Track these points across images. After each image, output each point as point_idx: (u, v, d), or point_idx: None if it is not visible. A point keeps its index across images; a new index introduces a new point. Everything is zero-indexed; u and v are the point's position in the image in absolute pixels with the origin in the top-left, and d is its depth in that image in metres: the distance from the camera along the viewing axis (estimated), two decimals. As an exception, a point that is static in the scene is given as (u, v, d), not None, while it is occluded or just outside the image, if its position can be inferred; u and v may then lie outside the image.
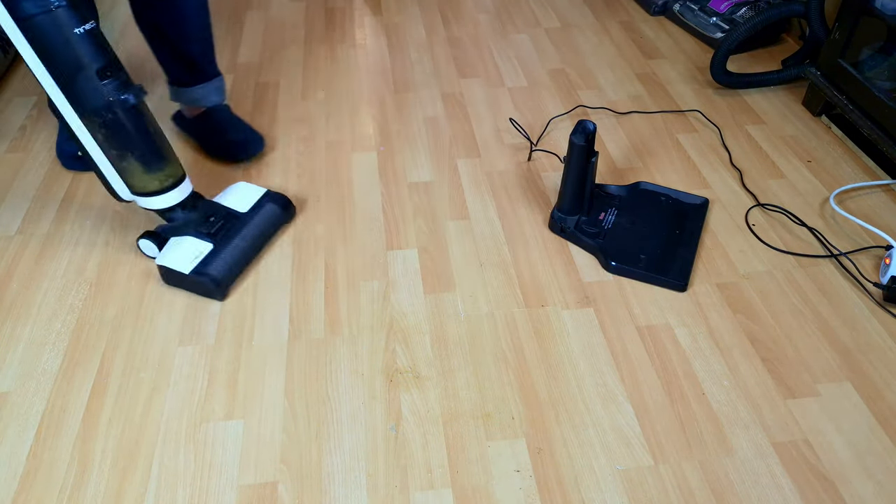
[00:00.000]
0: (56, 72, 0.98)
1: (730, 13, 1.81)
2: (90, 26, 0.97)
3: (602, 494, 0.90)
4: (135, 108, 1.04)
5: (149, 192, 1.11)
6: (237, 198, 1.23)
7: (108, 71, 1.00)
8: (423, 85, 1.66)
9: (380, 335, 1.09)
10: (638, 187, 1.33)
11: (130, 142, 1.05)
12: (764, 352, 1.07)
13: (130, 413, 0.98)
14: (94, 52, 0.98)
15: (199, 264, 1.12)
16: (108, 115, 1.02)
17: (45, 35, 0.95)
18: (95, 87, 0.99)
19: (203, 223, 1.16)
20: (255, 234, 1.19)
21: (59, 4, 0.94)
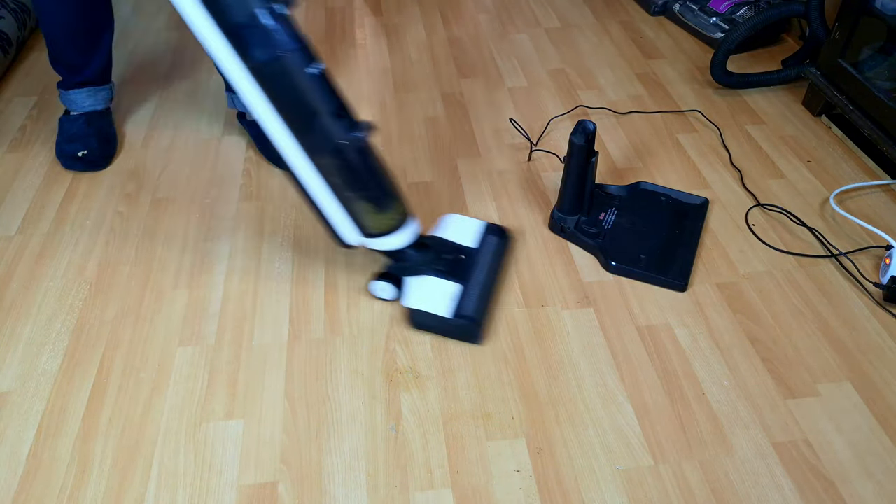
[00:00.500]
0: (291, 117, 0.92)
1: (730, 13, 1.81)
2: (321, 66, 0.90)
3: (602, 494, 0.90)
4: (367, 146, 0.97)
5: (381, 233, 1.05)
6: (459, 232, 1.17)
7: (341, 110, 0.93)
8: (423, 85, 1.66)
9: (380, 335, 1.09)
10: (638, 187, 1.33)
11: (364, 181, 0.99)
12: (764, 352, 1.07)
13: (130, 413, 0.98)
14: (327, 93, 0.92)
15: (456, 306, 1.05)
16: (343, 156, 0.95)
17: (282, 80, 0.89)
18: (332, 128, 0.93)
19: (438, 261, 1.11)
20: (491, 269, 1.13)
21: (294, 47, 0.87)
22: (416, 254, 1.10)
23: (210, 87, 1.64)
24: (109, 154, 1.42)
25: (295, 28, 0.88)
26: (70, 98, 1.41)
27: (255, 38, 0.86)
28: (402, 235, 1.06)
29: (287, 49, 0.87)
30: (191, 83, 1.66)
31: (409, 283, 1.09)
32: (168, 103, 1.59)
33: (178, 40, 1.82)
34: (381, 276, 1.11)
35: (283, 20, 0.86)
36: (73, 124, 1.41)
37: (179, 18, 1.91)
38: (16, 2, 1.71)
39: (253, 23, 0.85)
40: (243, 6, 0.84)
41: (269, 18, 0.85)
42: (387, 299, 1.13)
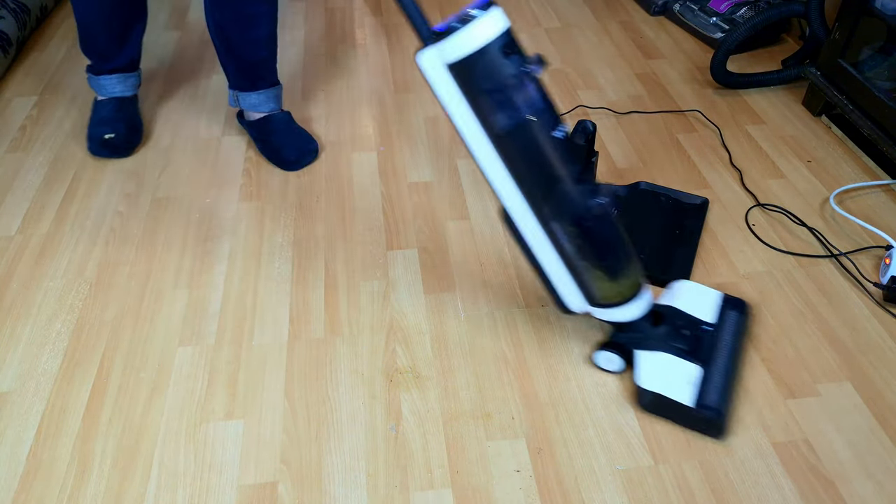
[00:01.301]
0: (530, 183, 0.88)
1: (730, 13, 1.81)
2: (565, 129, 0.85)
3: (602, 494, 0.90)
4: (608, 213, 0.91)
5: (611, 303, 0.97)
6: (695, 303, 1.06)
7: (584, 175, 0.88)
8: (423, 85, 1.66)
9: (380, 335, 1.09)
10: (638, 187, 1.33)
11: (601, 250, 0.92)
12: (764, 352, 1.07)
13: (130, 413, 0.98)
14: (571, 157, 0.87)
15: (698, 392, 0.95)
16: (583, 225, 0.89)
17: (528, 145, 0.84)
18: (573, 195, 0.88)
19: (675, 337, 1.00)
20: (733, 353, 1.01)
21: (542, 109, 0.83)
22: (651, 326, 1.00)
23: (210, 87, 1.64)
24: (134, 142, 1.44)
25: (542, 89, 0.84)
26: (99, 83, 1.44)
27: (502, 103, 0.82)
28: (635, 307, 0.97)
29: (535, 112, 0.83)
30: (191, 83, 1.66)
31: (642, 358, 0.99)
32: (168, 103, 1.59)
33: (178, 40, 1.82)
34: (609, 345, 1.02)
35: (534, 82, 0.82)
36: (104, 108, 1.44)
37: (179, 18, 1.91)
38: (16, 2, 1.71)
39: (501, 87, 0.81)
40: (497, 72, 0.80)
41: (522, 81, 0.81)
42: (612, 371, 1.03)
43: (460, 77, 0.82)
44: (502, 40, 0.79)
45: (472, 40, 0.79)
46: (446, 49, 0.80)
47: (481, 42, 0.79)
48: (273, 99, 1.42)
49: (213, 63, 1.73)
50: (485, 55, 0.79)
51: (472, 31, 0.78)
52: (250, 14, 1.28)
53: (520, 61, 0.81)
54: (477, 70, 0.80)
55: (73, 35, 1.82)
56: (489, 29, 0.79)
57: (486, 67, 0.80)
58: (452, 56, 0.80)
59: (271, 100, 1.42)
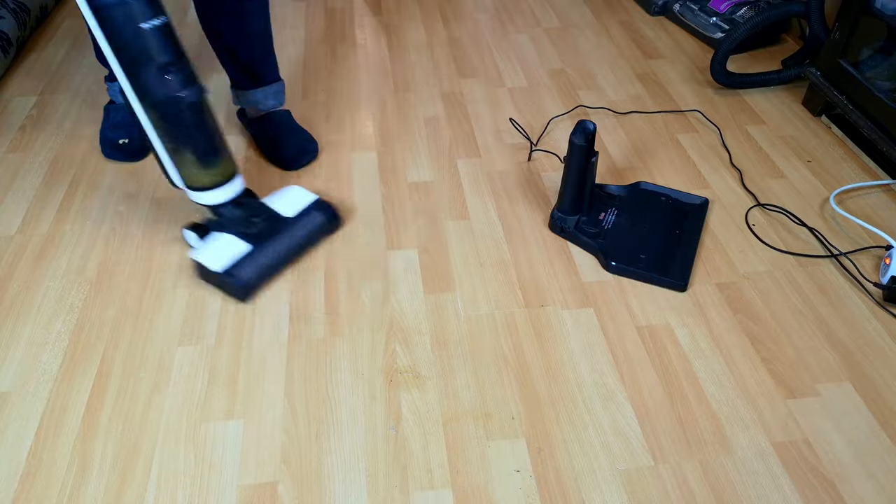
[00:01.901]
0: (123, 62, 0.98)
1: (730, 13, 1.81)
2: (159, 21, 0.97)
3: (602, 494, 0.90)
4: (193, 105, 1.04)
5: (200, 187, 1.11)
6: (286, 202, 1.22)
7: (171, 67, 1.00)
8: (423, 85, 1.66)
9: (380, 335, 1.09)
10: (638, 187, 1.33)
11: (186, 137, 1.06)
12: (764, 352, 1.07)
13: (130, 413, 0.98)
14: (159, 48, 0.98)
15: (232, 265, 1.11)
16: (166, 109, 1.02)
17: (116, 26, 0.95)
18: (158, 81, 1.00)
19: (246, 223, 1.16)
20: (294, 243, 1.19)
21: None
22: (229, 211, 1.15)
23: (210, 87, 1.64)
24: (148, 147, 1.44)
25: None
26: (116, 89, 1.45)
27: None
28: (217, 193, 1.12)
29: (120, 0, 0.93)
30: (191, 83, 1.66)
31: (210, 237, 1.16)
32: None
33: (178, 40, 1.82)
34: (193, 225, 1.17)
35: None
36: (118, 113, 1.44)
37: (179, 17, 1.91)
38: (16, 2, 1.71)
39: None
40: None
41: None
42: (192, 246, 1.19)
43: None
44: None
45: None
46: None
47: None
48: (272, 95, 1.41)
49: (212, 62, 1.73)
50: None
51: None
52: (239, 10, 1.28)
53: None
54: None
55: (73, 35, 1.82)
56: None
57: None
58: None
59: (270, 97, 1.41)
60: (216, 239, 1.15)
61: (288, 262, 1.18)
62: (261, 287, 1.15)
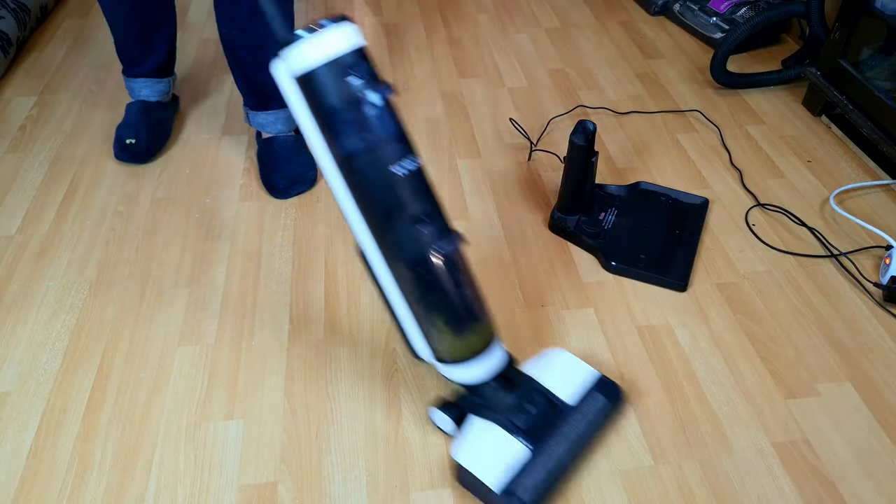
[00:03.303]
0: (369, 213, 0.82)
1: (730, 13, 1.81)
2: (412, 166, 0.79)
3: (602, 494, 0.90)
4: (451, 262, 0.83)
5: (453, 360, 0.88)
6: (560, 378, 0.95)
7: (424, 216, 0.81)
8: (423, 85, 1.66)
9: (380, 335, 1.09)
10: (638, 187, 1.33)
11: (440, 301, 0.84)
12: (764, 352, 1.07)
13: (130, 413, 0.98)
14: (414, 196, 0.80)
15: (511, 477, 0.85)
16: (418, 269, 0.82)
17: (363, 173, 0.79)
18: (410, 235, 0.81)
19: (516, 411, 0.89)
20: (581, 443, 0.91)
21: (385, 138, 0.78)
22: (494, 393, 0.90)
23: (210, 88, 1.64)
24: (155, 148, 1.43)
25: (389, 117, 0.78)
26: (129, 85, 1.45)
27: (346, 125, 0.77)
28: (477, 369, 0.88)
29: (374, 142, 0.77)
30: (190, 83, 1.66)
31: (471, 425, 0.90)
32: (168, 103, 1.59)
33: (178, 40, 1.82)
34: (445, 405, 0.93)
35: (377, 108, 0.77)
36: (130, 111, 1.45)
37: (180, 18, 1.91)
38: (16, 2, 1.71)
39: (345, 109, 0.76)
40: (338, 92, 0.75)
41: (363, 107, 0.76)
42: (445, 432, 0.96)
43: (306, 91, 0.77)
44: (350, 59, 0.75)
45: (316, 53, 0.74)
46: (291, 58, 0.75)
47: (324, 57, 0.74)
48: (282, 121, 1.38)
49: (212, 64, 1.73)
50: (327, 71, 0.74)
51: (316, 43, 0.74)
52: (258, 34, 1.25)
53: (365, 84, 0.75)
54: (319, 86, 0.75)
55: (73, 35, 1.82)
56: (334, 44, 0.74)
57: (327, 85, 0.75)
58: (297, 67, 0.75)
59: (279, 121, 1.37)
60: (480, 432, 0.89)
61: (571, 467, 0.90)
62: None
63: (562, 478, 0.89)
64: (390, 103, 0.78)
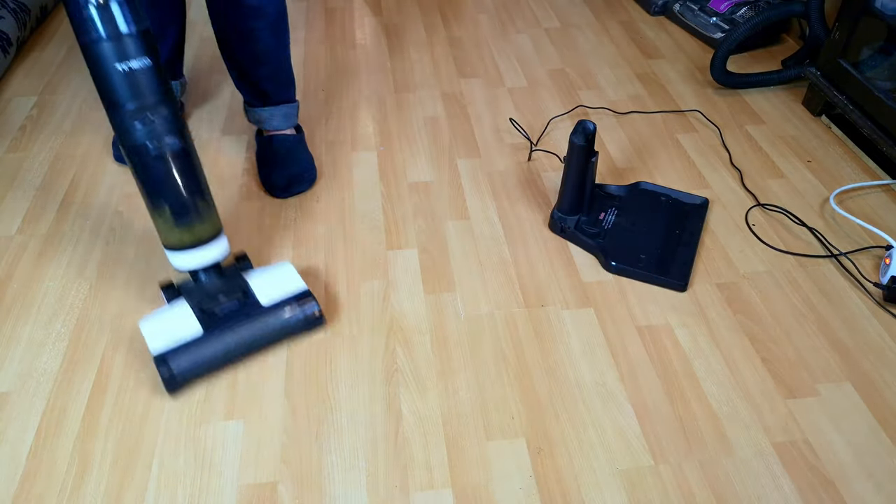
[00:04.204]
0: (104, 100, 0.93)
1: (730, 13, 1.81)
2: (137, 64, 0.90)
3: (602, 494, 0.90)
4: (162, 157, 0.95)
5: (171, 246, 1.01)
6: (269, 284, 1.06)
7: (141, 113, 0.92)
8: (423, 85, 1.66)
9: (380, 335, 1.09)
10: (638, 187, 1.33)
11: (157, 189, 0.97)
12: (764, 352, 1.07)
13: (130, 413, 0.98)
14: (130, 92, 0.91)
15: (172, 348, 0.98)
16: (135, 157, 0.94)
17: (93, 64, 0.89)
18: (130, 126, 0.92)
19: (211, 299, 1.02)
20: (253, 338, 1.03)
21: (107, 36, 0.88)
22: (205, 279, 1.04)
23: (210, 88, 1.64)
24: None
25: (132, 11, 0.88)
26: None
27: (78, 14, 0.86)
28: (190, 256, 1.00)
29: (105, 36, 0.87)
30: (190, 82, 1.66)
31: (168, 306, 1.02)
32: (168, 103, 1.59)
33: (178, 40, 1.82)
34: (167, 286, 1.05)
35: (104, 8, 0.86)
36: None
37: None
38: (16, 2, 1.71)
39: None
40: None
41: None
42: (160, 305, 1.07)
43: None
44: None
45: None
46: None
47: None
48: (280, 117, 1.37)
49: (211, 62, 1.73)
50: None
51: None
52: (251, 29, 1.25)
53: None
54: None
55: (73, 35, 1.82)
56: None
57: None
58: None
59: (277, 118, 1.37)
60: (170, 309, 1.01)
61: (237, 358, 1.03)
62: (190, 381, 1.01)
63: (223, 363, 1.01)
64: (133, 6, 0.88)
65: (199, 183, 1.00)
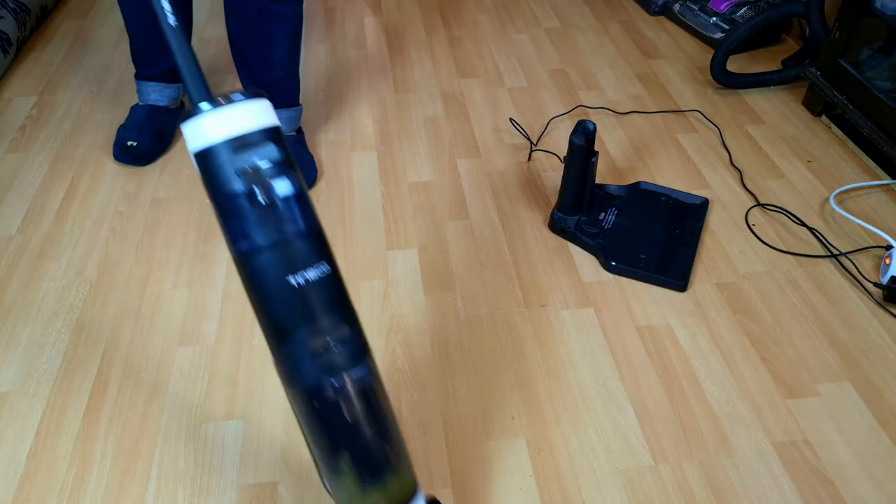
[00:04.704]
0: (265, 323, 0.66)
1: (730, 13, 1.81)
2: (316, 275, 0.65)
3: (602, 494, 0.90)
4: (362, 392, 0.68)
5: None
6: None
7: (329, 338, 0.66)
8: (423, 85, 1.66)
9: (380, 335, 1.09)
10: (638, 187, 1.33)
11: (340, 442, 0.68)
12: (764, 352, 1.07)
13: (130, 413, 0.98)
14: (312, 312, 0.65)
15: None
16: (311, 400, 0.66)
17: (254, 276, 0.64)
18: (306, 358, 0.65)
19: None
20: None
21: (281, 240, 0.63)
22: None
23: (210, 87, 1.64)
24: (156, 152, 1.43)
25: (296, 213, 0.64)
26: (139, 88, 1.45)
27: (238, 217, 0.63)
28: None
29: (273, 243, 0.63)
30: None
31: None
32: (168, 103, 1.59)
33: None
34: None
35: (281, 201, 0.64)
36: (137, 113, 1.45)
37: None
38: (16, 2, 1.71)
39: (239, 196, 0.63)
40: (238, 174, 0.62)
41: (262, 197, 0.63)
42: None
43: (203, 169, 0.63)
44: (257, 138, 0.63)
45: (217, 128, 0.61)
46: (190, 131, 0.63)
47: (225, 134, 0.62)
48: (285, 121, 1.38)
49: (212, 64, 1.73)
50: (225, 150, 0.62)
51: (218, 117, 0.62)
52: (264, 33, 1.25)
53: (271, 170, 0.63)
54: (215, 166, 0.62)
55: (73, 35, 1.82)
56: (240, 121, 0.62)
57: (224, 165, 0.62)
58: (195, 143, 0.63)
59: (281, 121, 1.35)
60: None
61: None
62: None
63: None
64: (303, 195, 0.65)
65: (391, 423, 0.72)
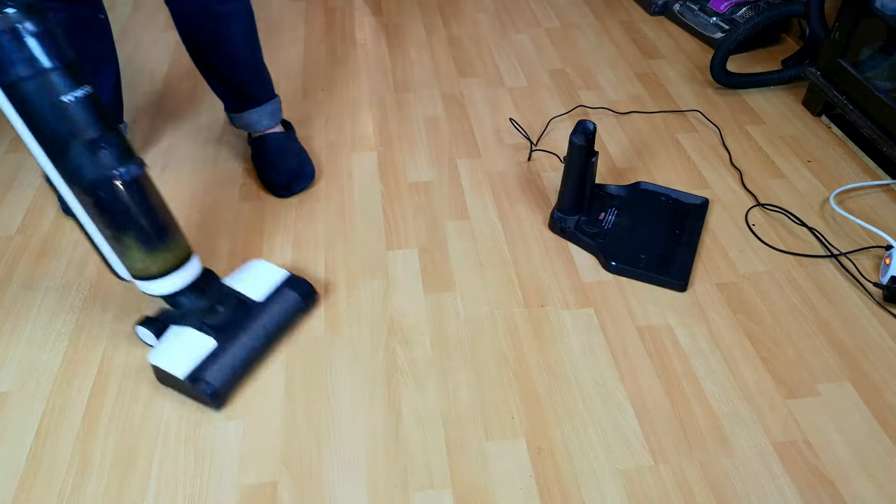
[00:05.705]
0: (45, 142, 0.84)
1: (730, 13, 1.81)
2: (83, 92, 0.83)
3: (602, 494, 0.90)
4: (132, 184, 0.89)
5: (149, 276, 0.95)
6: (253, 281, 1.07)
7: (101, 142, 0.85)
8: (423, 85, 1.66)
9: (380, 335, 1.09)
10: (638, 187, 1.33)
11: (127, 221, 0.91)
12: (764, 352, 1.07)
13: (130, 413, 0.98)
14: (86, 121, 0.84)
15: (197, 366, 0.97)
16: (101, 192, 0.88)
17: (33, 102, 0.81)
18: (88, 160, 0.85)
19: (209, 312, 1.01)
20: (266, 331, 1.03)
21: (52, 67, 0.80)
22: (188, 300, 0.99)
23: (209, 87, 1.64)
24: None
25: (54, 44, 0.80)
26: None
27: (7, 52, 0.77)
28: (171, 280, 0.96)
29: (44, 68, 0.79)
30: (190, 82, 1.66)
31: (169, 333, 1.00)
32: (168, 103, 1.59)
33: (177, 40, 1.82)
34: (146, 320, 1.01)
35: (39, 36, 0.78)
36: None
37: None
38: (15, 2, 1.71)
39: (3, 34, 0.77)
40: None
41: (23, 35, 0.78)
42: (149, 345, 1.04)
43: None
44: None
45: None
46: None
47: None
48: (267, 116, 1.36)
49: (213, 63, 1.73)
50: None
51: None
52: (218, 28, 1.22)
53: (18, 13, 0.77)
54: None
55: (73, 35, 1.82)
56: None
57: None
58: None
59: (265, 117, 1.36)
60: (176, 335, 0.99)
61: (262, 355, 1.04)
62: (232, 390, 1.00)
63: (250, 363, 1.02)
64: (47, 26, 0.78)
65: (163, 202, 0.95)
